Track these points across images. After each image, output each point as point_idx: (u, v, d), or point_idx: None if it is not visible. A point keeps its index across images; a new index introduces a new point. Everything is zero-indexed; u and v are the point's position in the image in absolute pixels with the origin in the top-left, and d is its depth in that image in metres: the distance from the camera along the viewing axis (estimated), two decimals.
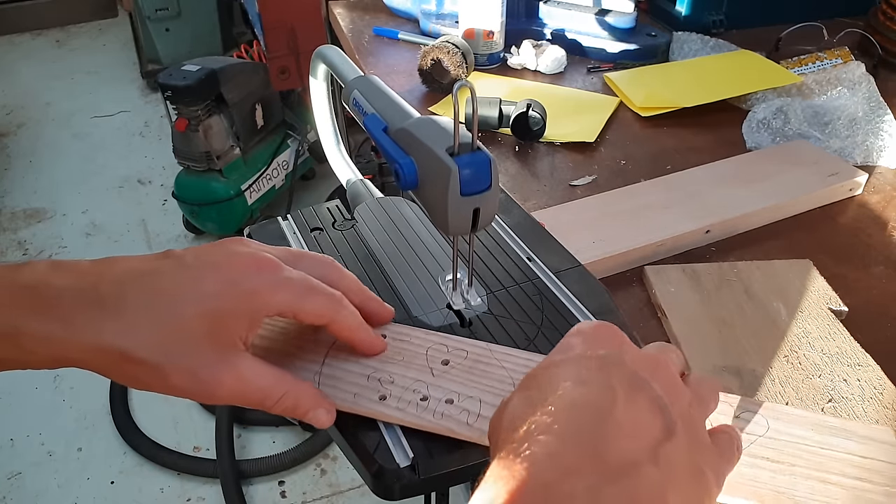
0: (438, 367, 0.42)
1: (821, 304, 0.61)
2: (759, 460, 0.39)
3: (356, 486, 1.53)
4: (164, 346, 0.35)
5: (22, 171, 2.55)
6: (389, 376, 0.42)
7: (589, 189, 0.81)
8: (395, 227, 0.57)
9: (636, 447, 0.28)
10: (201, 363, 0.36)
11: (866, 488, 0.38)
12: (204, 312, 0.36)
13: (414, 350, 0.43)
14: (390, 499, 0.39)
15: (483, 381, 0.41)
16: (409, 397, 0.40)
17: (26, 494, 1.53)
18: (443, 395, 0.40)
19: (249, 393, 0.38)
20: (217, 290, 0.37)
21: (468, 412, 0.39)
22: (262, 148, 2.06)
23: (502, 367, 0.42)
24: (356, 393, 0.41)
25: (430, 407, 0.40)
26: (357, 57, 1.13)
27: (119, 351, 0.35)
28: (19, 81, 3.11)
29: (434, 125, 0.44)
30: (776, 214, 0.75)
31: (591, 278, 0.52)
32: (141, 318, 0.35)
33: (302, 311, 0.39)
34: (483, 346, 0.44)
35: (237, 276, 0.37)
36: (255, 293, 0.37)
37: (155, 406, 1.70)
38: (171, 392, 0.36)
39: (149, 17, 2.74)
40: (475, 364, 0.42)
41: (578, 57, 1.11)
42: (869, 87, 0.93)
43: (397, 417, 0.39)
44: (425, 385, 0.41)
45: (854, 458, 0.39)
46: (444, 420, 0.39)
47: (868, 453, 0.40)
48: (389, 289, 0.51)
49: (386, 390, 0.41)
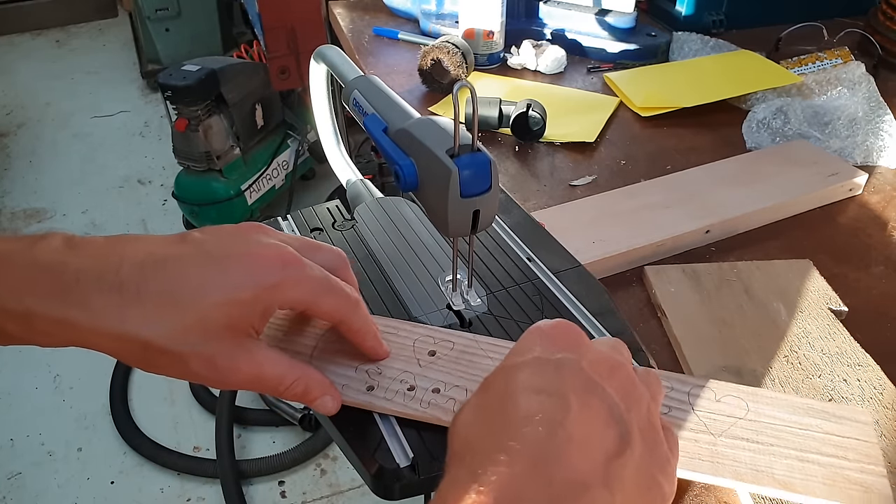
0: (425, 358, 0.43)
1: (821, 304, 0.61)
2: (739, 441, 0.40)
3: (356, 486, 1.53)
4: (186, 335, 0.36)
5: (22, 171, 2.55)
6: (377, 368, 0.43)
7: (589, 189, 0.81)
8: (395, 227, 0.57)
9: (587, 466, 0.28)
10: (219, 351, 0.37)
11: (843, 465, 0.39)
12: (225, 303, 0.36)
13: (401, 342, 0.45)
14: (390, 499, 0.39)
15: (469, 371, 0.42)
16: (396, 387, 0.41)
17: (26, 494, 1.53)
18: (429, 385, 0.41)
19: (265, 379, 0.39)
20: (240, 283, 0.37)
21: (454, 400, 0.40)
22: (262, 148, 2.06)
23: (488, 356, 0.43)
24: (344, 384, 0.42)
25: (416, 396, 0.41)
26: (357, 57, 1.13)
27: (142, 340, 0.35)
28: (19, 81, 3.11)
29: (434, 126, 0.44)
30: (776, 214, 0.75)
31: (591, 278, 0.52)
32: (164, 308, 0.35)
33: (318, 308, 0.40)
34: (470, 337, 0.45)
35: (260, 270, 0.37)
36: (276, 288, 0.38)
37: (155, 406, 1.70)
38: (189, 378, 0.37)
39: (149, 17, 2.74)
40: (461, 354, 0.44)
41: (578, 57, 1.11)
42: (869, 87, 0.93)
43: (385, 407, 0.40)
44: (412, 375, 0.42)
45: (832, 438, 0.40)
46: (430, 409, 0.40)
47: (844, 432, 0.41)
48: (389, 289, 0.51)
49: (374, 381, 0.42)
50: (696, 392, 0.43)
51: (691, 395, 0.43)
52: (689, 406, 0.42)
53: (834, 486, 0.38)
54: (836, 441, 0.40)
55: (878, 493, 0.38)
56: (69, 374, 1.78)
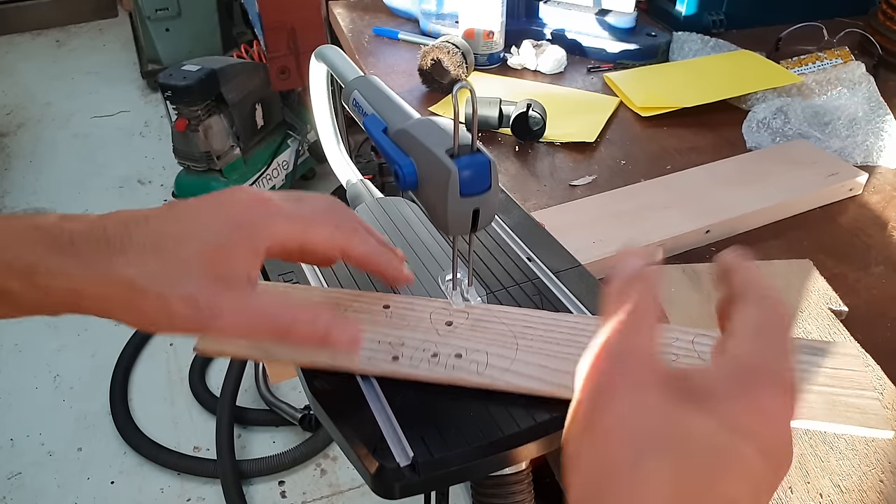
0: (443, 327, 0.45)
1: (821, 304, 0.61)
2: None
3: (356, 486, 1.53)
4: (167, 275, 0.37)
5: (22, 171, 2.55)
6: (399, 339, 0.44)
7: (589, 189, 0.81)
8: (395, 227, 0.57)
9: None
10: (201, 291, 0.37)
11: (838, 392, 0.43)
12: (204, 246, 0.38)
13: (418, 315, 0.46)
14: (390, 498, 0.39)
15: (486, 336, 0.45)
16: (420, 356, 0.43)
17: (26, 494, 1.53)
18: (451, 351, 0.43)
19: (255, 320, 0.38)
20: (216, 229, 0.38)
21: (477, 363, 0.43)
22: (262, 148, 2.06)
23: (502, 322, 0.46)
24: (370, 357, 0.43)
25: (441, 362, 0.43)
26: (357, 57, 1.13)
27: (125, 280, 0.36)
28: (19, 81, 3.11)
29: (434, 126, 0.44)
30: (776, 214, 0.75)
31: (591, 278, 0.52)
32: (147, 255, 0.37)
33: (308, 241, 0.41)
34: (482, 306, 0.47)
35: (235, 213, 0.39)
36: (252, 225, 0.39)
37: (155, 406, 1.70)
38: (175, 324, 0.37)
39: (149, 17, 2.74)
40: (477, 322, 0.46)
41: (578, 57, 1.11)
42: (869, 87, 0.93)
43: (411, 374, 0.42)
44: (433, 344, 0.44)
45: (826, 370, 0.44)
46: (455, 371, 0.42)
47: (837, 364, 0.44)
48: (389, 289, 0.51)
49: (397, 352, 0.44)
50: (699, 340, 0.45)
51: (696, 342, 0.45)
52: (695, 353, 0.44)
53: (833, 410, 0.41)
54: (830, 373, 0.44)
55: (873, 413, 0.41)
56: (69, 374, 1.78)
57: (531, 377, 0.42)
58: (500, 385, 0.41)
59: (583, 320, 0.46)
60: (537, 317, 0.46)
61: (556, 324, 0.46)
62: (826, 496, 0.46)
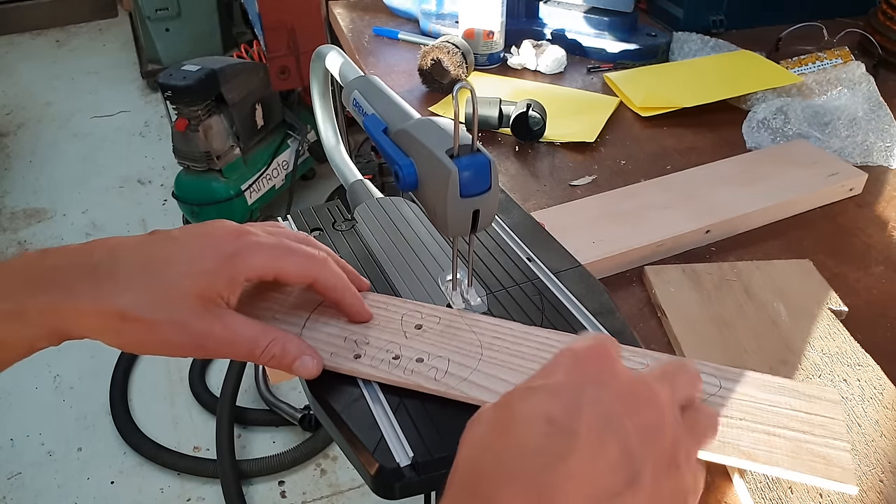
0: (412, 330, 0.45)
1: (821, 304, 0.61)
2: None
3: (356, 486, 1.53)
4: (157, 303, 0.38)
5: (22, 171, 2.55)
6: (365, 338, 0.45)
7: (589, 189, 0.81)
8: (395, 227, 0.57)
9: None
10: (191, 316, 0.39)
11: (808, 440, 0.40)
12: (190, 273, 0.40)
13: (390, 316, 0.47)
14: (391, 498, 0.39)
15: (452, 343, 0.44)
16: (381, 356, 0.43)
17: (26, 494, 1.53)
18: (414, 355, 0.43)
19: (239, 342, 0.41)
20: (201, 256, 0.41)
21: (436, 369, 0.42)
22: (262, 148, 2.06)
23: (472, 331, 0.45)
24: (333, 352, 0.44)
25: (401, 365, 0.43)
26: (357, 57, 1.13)
27: (117, 311, 0.38)
28: (19, 81, 3.11)
29: (434, 126, 0.44)
30: (776, 214, 0.75)
31: (591, 278, 0.52)
32: (135, 280, 0.39)
33: (282, 270, 0.43)
34: (456, 312, 0.47)
35: (218, 243, 0.42)
36: (235, 256, 0.41)
37: (155, 406, 1.70)
38: (166, 348, 0.39)
39: (149, 17, 2.75)
40: (447, 328, 0.46)
41: (578, 57, 1.11)
42: (869, 87, 0.93)
43: (370, 374, 0.42)
44: (398, 346, 0.44)
45: (799, 414, 0.41)
46: (413, 376, 0.42)
47: (813, 409, 0.42)
48: (389, 289, 0.51)
49: (361, 350, 0.44)
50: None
51: None
52: None
53: (797, 458, 0.39)
54: (804, 417, 0.41)
55: (840, 466, 0.38)
56: (69, 374, 1.78)
57: (487, 389, 0.41)
58: (454, 394, 0.41)
59: (554, 336, 0.45)
60: (508, 328, 0.45)
61: (526, 337, 0.45)
62: (826, 496, 0.45)
